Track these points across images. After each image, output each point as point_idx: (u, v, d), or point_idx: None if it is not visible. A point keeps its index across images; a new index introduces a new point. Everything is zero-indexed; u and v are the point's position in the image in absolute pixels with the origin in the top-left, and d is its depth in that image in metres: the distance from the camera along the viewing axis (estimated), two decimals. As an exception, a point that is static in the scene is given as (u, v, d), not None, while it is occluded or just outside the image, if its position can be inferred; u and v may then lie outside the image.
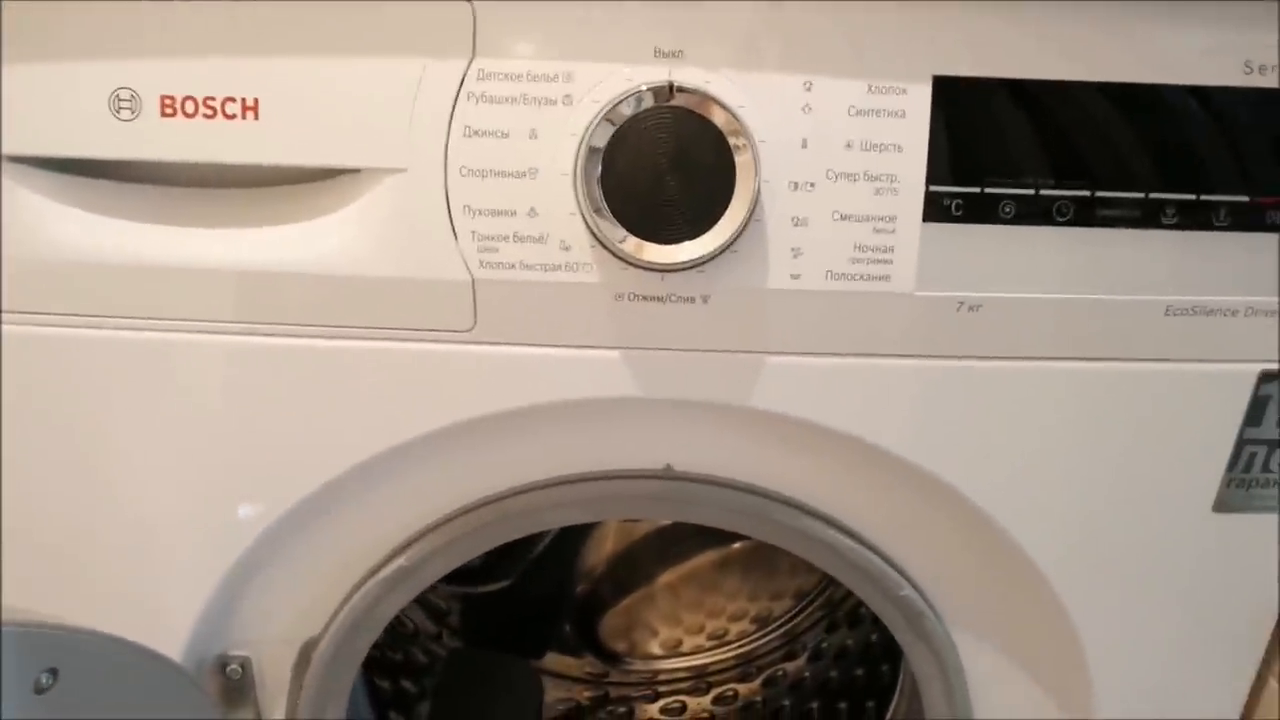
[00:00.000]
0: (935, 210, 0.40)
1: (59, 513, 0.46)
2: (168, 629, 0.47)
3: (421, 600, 0.75)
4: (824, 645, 0.76)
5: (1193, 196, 0.41)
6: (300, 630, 0.51)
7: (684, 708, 0.78)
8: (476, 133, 0.39)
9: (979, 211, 0.41)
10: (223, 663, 0.51)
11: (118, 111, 0.40)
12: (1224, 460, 0.45)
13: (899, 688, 0.63)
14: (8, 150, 0.40)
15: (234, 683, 0.51)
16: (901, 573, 0.49)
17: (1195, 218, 0.41)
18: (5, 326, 0.42)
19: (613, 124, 0.37)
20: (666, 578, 0.82)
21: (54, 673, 0.38)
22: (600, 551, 0.82)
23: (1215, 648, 0.49)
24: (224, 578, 0.47)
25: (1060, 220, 0.41)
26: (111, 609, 0.46)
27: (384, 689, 0.68)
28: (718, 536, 0.80)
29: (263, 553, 0.47)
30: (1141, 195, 0.41)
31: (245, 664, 0.51)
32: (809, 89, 0.39)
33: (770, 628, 0.80)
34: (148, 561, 0.47)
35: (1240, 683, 0.50)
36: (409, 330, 0.42)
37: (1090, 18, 0.39)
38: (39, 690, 0.38)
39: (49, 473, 0.45)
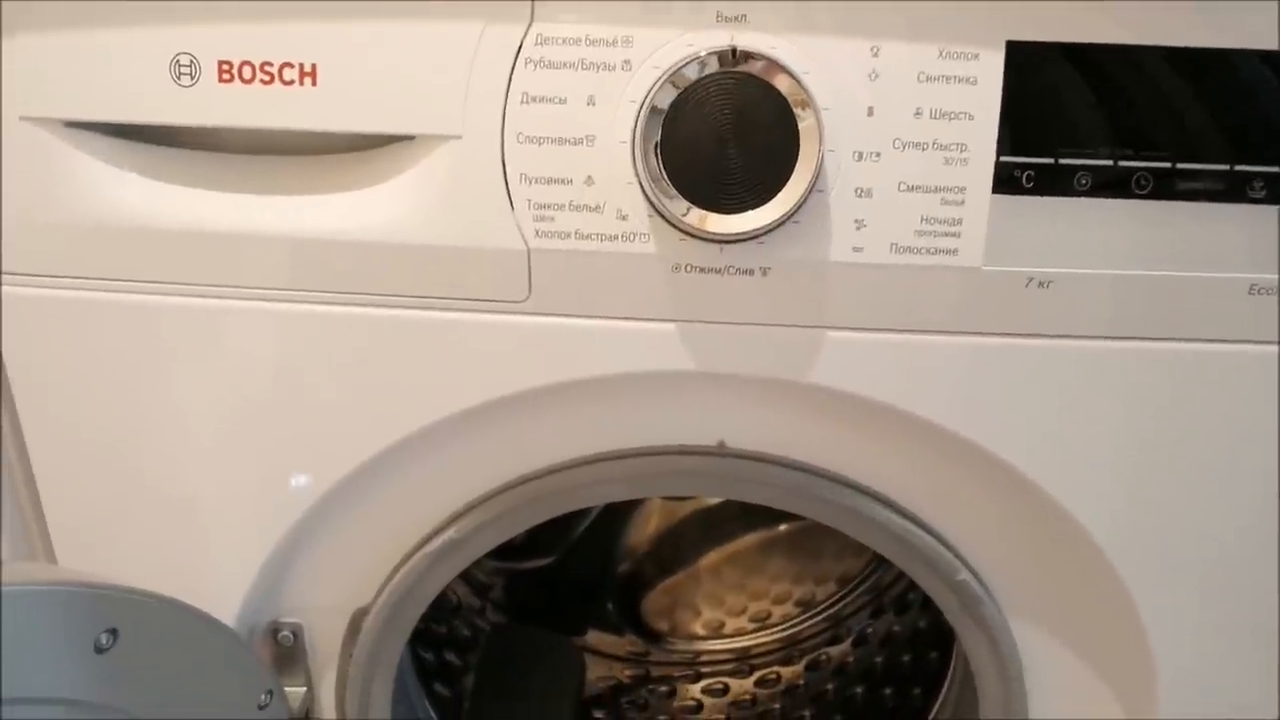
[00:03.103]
0: (1006, 181, 0.39)
1: (113, 477, 0.47)
2: (221, 595, 0.48)
3: (465, 575, 0.74)
4: (869, 630, 0.75)
5: (1282, 169, 0.39)
6: (351, 599, 0.51)
7: (726, 689, 0.77)
8: (534, 99, 0.39)
9: (1052, 183, 0.39)
10: (275, 629, 0.51)
11: (178, 77, 0.39)
12: (1306, 447, 0.43)
13: (950, 675, 0.62)
14: (69, 115, 0.41)
15: (285, 649, 0.51)
16: (959, 557, 0.48)
17: (1284, 191, 0.39)
18: (58, 291, 0.43)
19: (676, 86, 0.37)
20: (710, 558, 0.81)
21: (114, 633, 0.39)
22: (644, 530, 0.81)
23: (1290, 642, 0.47)
24: (277, 545, 0.47)
25: (1139, 193, 0.39)
26: (165, 574, 0.47)
27: (428, 660, 0.68)
28: (762, 518, 0.80)
29: (315, 521, 0.47)
30: (1226, 167, 0.39)
31: (297, 631, 0.51)
32: (876, 54, 0.38)
33: (814, 611, 0.79)
34: (202, 527, 0.47)
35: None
36: (462, 300, 0.42)
37: (1177, -21, 0.37)
38: (99, 650, 0.38)
39: (103, 438, 0.46)
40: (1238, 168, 0.39)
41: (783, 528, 0.79)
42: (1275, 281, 0.40)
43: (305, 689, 0.52)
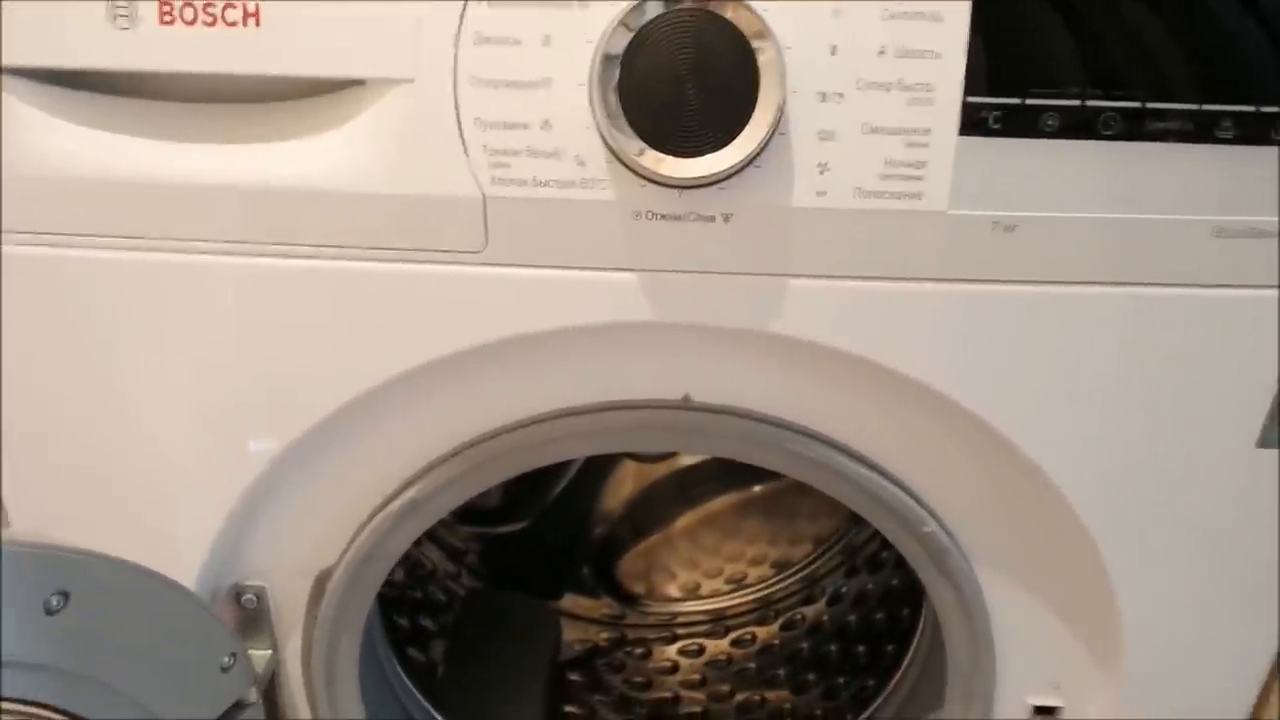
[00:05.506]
0: (972, 123, 0.38)
1: (65, 438, 0.46)
2: (180, 556, 0.47)
3: (440, 540, 0.74)
4: (843, 590, 0.76)
5: (1251, 108, 0.38)
6: (315, 561, 0.50)
7: (702, 650, 0.77)
8: (487, 39, 0.37)
9: (1019, 124, 0.38)
10: (238, 592, 0.50)
11: (114, 19, 0.38)
12: (1271, 393, 0.43)
13: (920, 629, 0.62)
14: (4, 62, 0.39)
15: (250, 612, 0.51)
16: (926, 508, 0.47)
17: (1252, 131, 0.38)
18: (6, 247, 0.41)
19: (629, 29, 0.35)
20: (685, 521, 0.81)
21: (65, 595, 0.38)
22: (619, 493, 0.81)
23: (1254, 588, 0.47)
24: (235, 505, 0.47)
25: (1106, 134, 0.38)
26: (123, 535, 0.46)
27: (402, 626, 0.68)
28: (737, 480, 0.79)
29: (274, 480, 0.46)
30: (1195, 107, 0.38)
31: (261, 594, 0.51)
32: (839, -10, 0.37)
33: (789, 572, 0.79)
34: (158, 487, 0.46)
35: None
36: (418, 251, 0.41)
37: (1146, -88, 0.36)
38: (49, 612, 0.38)
39: (55, 397, 0.45)
40: (1206, 107, 0.38)
41: (757, 489, 0.79)
42: (1241, 224, 0.39)
43: (270, 651, 0.52)
